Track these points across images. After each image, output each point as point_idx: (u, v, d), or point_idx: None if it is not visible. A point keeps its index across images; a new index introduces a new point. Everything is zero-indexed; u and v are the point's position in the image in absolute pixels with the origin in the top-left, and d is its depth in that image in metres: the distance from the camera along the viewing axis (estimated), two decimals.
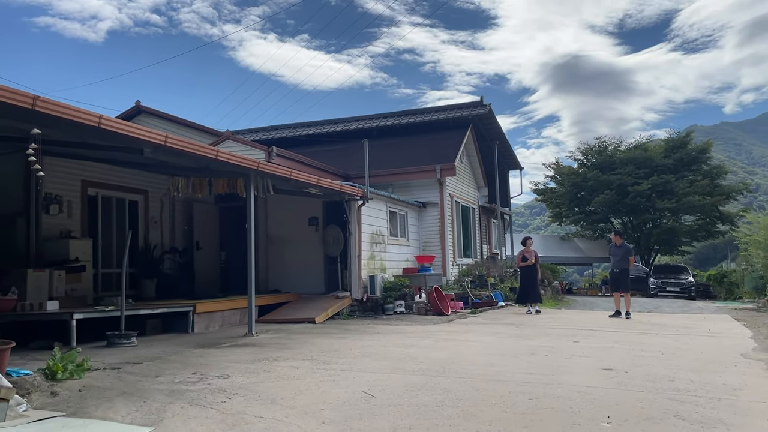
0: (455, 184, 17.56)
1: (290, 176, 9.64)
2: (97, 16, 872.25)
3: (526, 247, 13.51)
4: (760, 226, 14.66)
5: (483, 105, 18.58)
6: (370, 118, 20.22)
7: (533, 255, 13.37)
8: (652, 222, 31.74)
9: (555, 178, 34.91)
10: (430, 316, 12.23)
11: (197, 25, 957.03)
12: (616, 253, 12.61)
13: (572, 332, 9.30)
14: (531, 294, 13.20)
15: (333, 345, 7.74)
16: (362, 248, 12.60)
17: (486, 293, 14.95)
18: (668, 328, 10.01)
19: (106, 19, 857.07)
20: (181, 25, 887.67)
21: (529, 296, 13.25)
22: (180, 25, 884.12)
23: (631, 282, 14.66)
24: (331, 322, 10.95)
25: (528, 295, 13.28)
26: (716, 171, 31.23)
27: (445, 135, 18.26)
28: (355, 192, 12.10)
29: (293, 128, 21.18)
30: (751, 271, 20.67)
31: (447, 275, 16.11)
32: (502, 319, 11.87)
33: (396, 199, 14.81)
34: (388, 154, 18.13)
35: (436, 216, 16.42)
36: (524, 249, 13.52)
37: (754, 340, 8.26)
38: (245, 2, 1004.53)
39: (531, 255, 13.33)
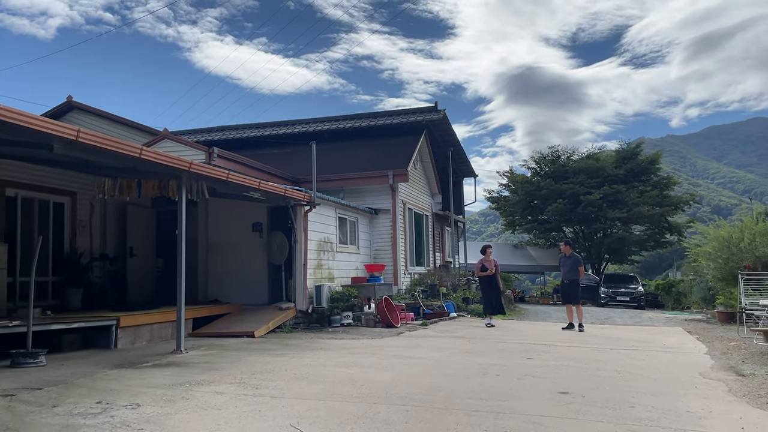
0: (408, 191, 17.07)
1: (227, 179, 8.89)
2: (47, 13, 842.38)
3: (486, 256, 12.84)
4: (711, 238, 14.68)
5: (437, 110, 18.18)
6: (321, 120, 19.56)
7: (493, 264, 12.80)
8: (603, 231, 32.09)
9: (509, 186, 34.97)
10: (378, 328, 11.63)
11: (152, 25, 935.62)
12: (565, 264, 12.32)
13: (525, 347, 8.86)
14: (493, 305, 12.65)
15: (268, 364, 7.04)
16: (308, 256, 11.91)
17: (438, 303, 14.47)
18: (623, 343, 9.70)
19: (56, 15, 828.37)
20: (134, 24, 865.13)
21: (491, 307, 12.69)
22: (134, 24, 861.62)
23: (582, 291, 14.48)
24: (272, 336, 10.22)
25: (490, 305, 12.71)
26: (665, 182, 31.84)
27: (398, 140, 17.77)
28: (301, 197, 11.42)
29: (241, 129, 20.30)
30: (699, 282, 20.90)
31: (398, 284, 15.56)
32: (453, 331, 11.38)
33: (346, 205, 14.19)
34: (340, 158, 17.50)
35: (388, 223, 15.87)
36: (483, 258, 12.85)
37: (710, 356, 7.99)
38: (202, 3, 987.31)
39: (491, 264, 12.73)
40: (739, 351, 8.35)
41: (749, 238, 13.79)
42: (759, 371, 6.66)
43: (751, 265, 13.72)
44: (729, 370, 6.89)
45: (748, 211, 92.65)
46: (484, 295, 12.96)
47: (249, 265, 13.12)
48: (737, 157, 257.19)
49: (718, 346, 9.04)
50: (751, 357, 7.66)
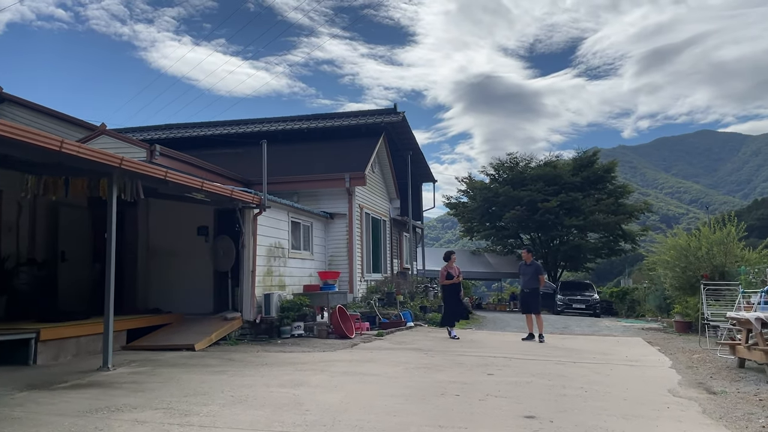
0: (366, 195, 16.49)
1: (165, 177, 8.12)
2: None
3: (450, 263, 12.13)
4: (669, 247, 14.58)
5: (396, 112, 17.69)
6: (276, 120, 18.80)
7: (457, 272, 12.13)
8: (560, 239, 32.24)
9: (467, 192, 34.83)
10: (331, 339, 10.97)
11: (106, 23, 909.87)
12: (525, 272, 11.90)
13: (485, 361, 8.37)
14: (459, 314, 12.08)
15: (203, 384, 6.31)
16: (257, 262, 11.17)
17: (395, 312, 13.91)
18: (585, 355, 9.32)
19: (5, 10, 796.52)
20: (88, 22, 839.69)
21: (456, 317, 12.10)
22: (87, 22, 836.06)
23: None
24: (214, 349, 9.44)
25: (456, 316, 12.11)
26: (620, 190, 32.24)
27: (356, 142, 17.18)
28: (250, 199, 10.68)
29: (191, 128, 19.33)
30: (655, 290, 20.99)
31: (354, 292, 14.94)
32: (410, 343, 10.82)
33: (299, 209, 13.49)
34: (295, 160, 16.80)
35: (344, 228, 15.24)
36: (447, 265, 12.12)
37: (676, 370, 7.65)
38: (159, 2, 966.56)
39: (455, 272, 12.05)
40: (704, 365, 8.06)
41: (707, 247, 13.74)
42: (730, 388, 6.32)
43: (709, 274, 13.65)
44: (698, 386, 6.53)
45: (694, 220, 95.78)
46: (447, 305, 12.19)
47: (193, 272, 12.26)
48: (684, 167, 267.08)
49: (682, 359, 8.75)
50: (719, 372, 7.36)
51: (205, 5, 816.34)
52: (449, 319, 12.03)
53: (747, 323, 6.99)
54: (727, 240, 13.89)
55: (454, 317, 12.04)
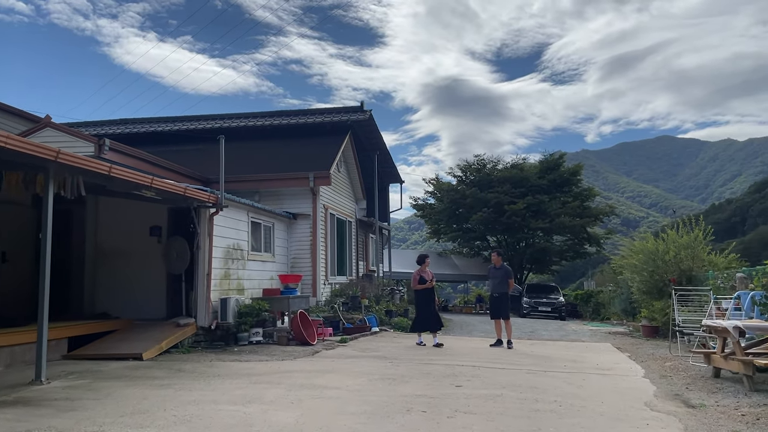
0: (331, 195, 15.96)
1: (109, 173, 7.46)
2: None
3: (423, 266, 11.46)
4: (637, 250, 14.47)
5: (363, 110, 17.20)
6: (238, 116, 18.10)
7: (430, 276, 11.53)
8: (526, 241, 32.25)
9: (434, 194, 34.58)
10: (292, 346, 10.42)
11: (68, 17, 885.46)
12: (495, 275, 11.51)
13: (453, 370, 7.95)
14: (432, 321, 11.21)
15: (145, 401, 5.70)
16: (213, 265, 10.53)
17: (359, 317, 13.41)
18: (555, 363, 8.99)
19: None
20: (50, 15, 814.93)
21: (429, 323, 11.22)
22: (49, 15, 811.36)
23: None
24: (164, 359, 8.78)
25: (428, 322, 11.23)
26: (585, 193, 32.42)
27: (321, 140, 16.64)
28: (206, 197, 10.04)
29: (148, 123, 18.48)
30: (620, 294, 21.00)
31: (317, 296, 14.39)
32: (374, 349, 10.34)
33: (260, 209, 12.88)
34: (257, 158, 16.17)
35: (308, 229, 14.68)
36: (421, 268, 11.43)
37: (650, 380, 7.36)
38: None
39: (429, 276, 11.44)
40: (678, 374, 7.81)
41: (674, 251, 13.66)
42: (708, 401, 6.03)
43: (676, 278, 13.57)
44: (675, 399, 6.23)
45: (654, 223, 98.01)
46: (420, 311, 11.41)
47: (146, 275, 11.53)
48: (645, 172, 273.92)
49: (654, 367, 8.49)
50: (694, 382, 7.09)
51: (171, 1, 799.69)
52: (420, 325, 11.38)
53: (724, 332, 6.73)
54: (694, 244, 13.84)
55: (426, 324, 11.24)
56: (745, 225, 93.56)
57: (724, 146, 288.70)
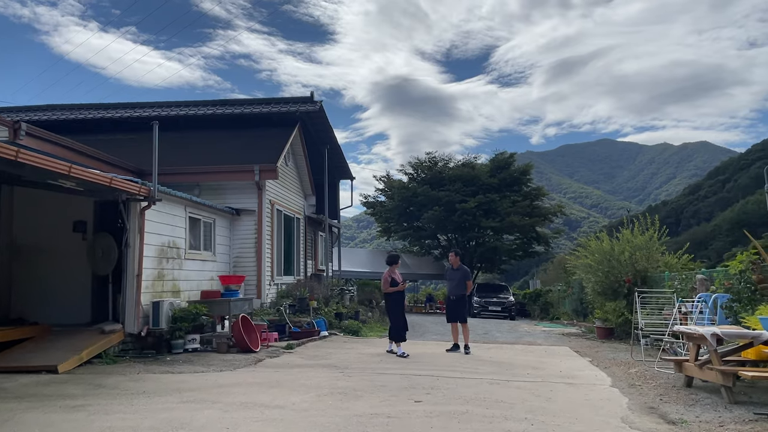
0: (278, 190, 15.03)
1: (16, 158, 6.39)
2: None
3: (393, 267, 10.36)
4: (592, 250, 14.20)
5: (313, 101, 16.33)
6: (178, 105, 16.89)
7: (401, 278, 10.46)
8: (477, 240, 32.07)
9: (385, 191, 33.98)
10: (233, 354, 9.51)
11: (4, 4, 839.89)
12: (453, 277, 10.88)
13: (410, 381, 7.27)
14: (404, 328, 10.15)
15: (49, 430, 4.75)
16: (145, 264, 9.49)
17: (307, 320, 12.59)
18: (517, 371, 8.46)
19: None
20: None
21: (404, 330, 10.17)
22: None
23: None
24: (84, 371, 7.74)
25: (404, 328, 10.17)
26: (535, 193, 32.53)
27: (268, 132, 15.68)
28: (136, 189, 9.00)
29: (80, 110, 17.01)
30: (572, 294, 20.94)
31: (262, 297, 13.47)
32: (324, 356, 9.56)
33: (199, 203, 11.86)
34: (199, 149, 15.10)
35: (253, 226, 13.73)
36: (391, 269, 10.32)
37: (620, 390, 6.89)
38: None
39: (399, 278, 10.39)
40: (647, 382, 7.38)
41: (629, 252, 13.45)
42: (687, 415, 5.56)
43: (631, 279, 13.37)
44: (651, 413, 5.74)
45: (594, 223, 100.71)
46: (393, 317, 10.29)
47: (68, 275, 10.37)
48: (586, 174, 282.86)
49: (619, 375, 8.06)
50: (667, 392, 6.65)
51: None
52: (398, 332, 10.08)
53: (700, 339, 6.30)
54: (649, 244, 13.68)
55: (403, 330, 10.14)
56: (680, 226, 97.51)
57: (660, 150, 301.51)
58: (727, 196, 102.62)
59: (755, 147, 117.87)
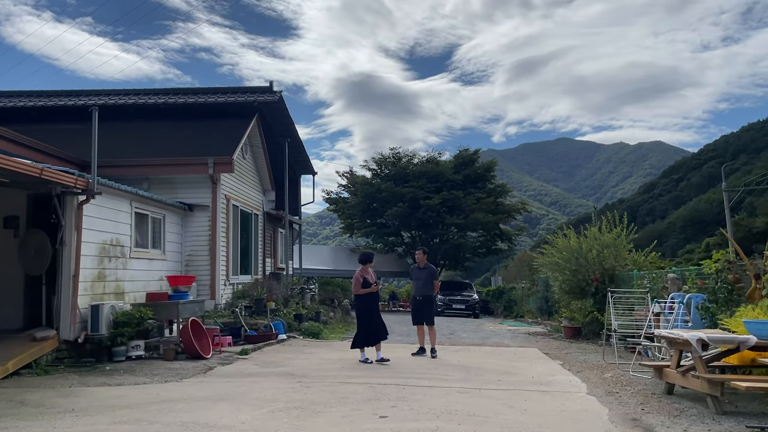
0: (234, 184, 14.23)
1: None
2: None
3: (366, 266, 9.46)
4: (561, 248, 13.88)
5: (273, 91, 15.54)
6: (126, 93, 15.87)
7: (374, 278, 9.56)
8: (441, 237, 31.72)
9: (348, 187, 33.30)
10: (181, 361, 8.76)
11: None
12: (419, 276, 10.23)
13: (374, 391, 6.68)
14: (376, 332, 9.21)
15: None
16: (83, 264, 8.65)
17: (265, 322, 11.87)
18: (487, 377, 7.97)
19: None
20: None
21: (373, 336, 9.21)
22: None
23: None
24: (9, 383, 6.89)
25: (372, 334, 9.20)
26: (499, 189, 32.36)
27: (224, 122, 14.84)
28: (72, 181, 8.15)
29: (17, 97, 15.76)
30: (536, 292, 20.73)
31: (217, 298, 12.69)
32: (281, 363, 8.89)
33: (147, 197, 11.01)
34: (148, 140, 14.17)
35: (207, 222, 12.91)
36: (363, 269, 9.42)
37: (597, 398, 6.46)
38: None
39: (372, 278, 9.48)
40: (624, 389, 6.97)
41: (597, 250, 13.17)
42: (674, 428, 5.14)
43: (599, 277, 13.10)
44: (636, 426, 5.30)
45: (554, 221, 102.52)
46: (361, 321, 9.39)
47: None
48: (546, 172, 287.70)
49: (594, 380, 7.65)
50: (648, 401, 6.25)
51: None
52: (363, 339, 9.20)
53: (685, 344, 5.90)
54: (617, 242, 13.44)
55: (371, 336, 9.19)
56: (636, 223, 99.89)
57: (617, 149, 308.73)
58: (680, 195, 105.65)
59: (707, 147, 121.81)
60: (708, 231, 75.37)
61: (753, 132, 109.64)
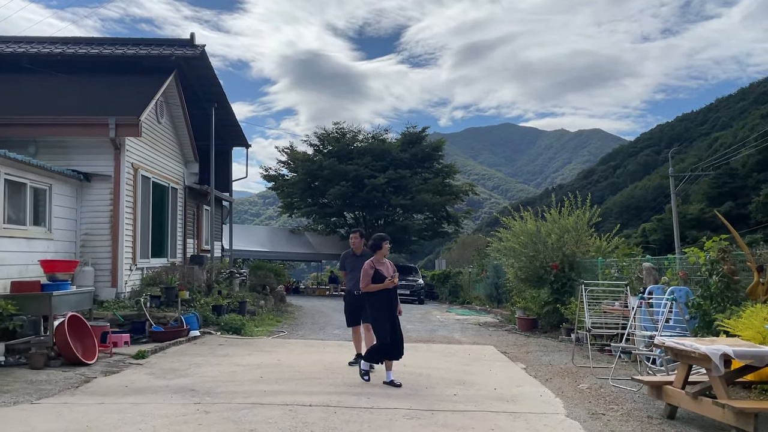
0: (145, 152, 12.14)
1: None
2: None
3: (379, 254, 6.96)
4: (518, 232, 12.55)
5: (194, 45, 13.38)
6: (18, 40, 13.35)
7: (392, 269, 6.97)
8: (386, 219, 30.21)
9: (288, 164, 31.21)
10: (52, 369, 6.85)
11: None
12: (355, 266, 7.67)
13: (294, 418, 5.04)
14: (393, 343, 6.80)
15: None
16: None
17: (175, 316, 9.99)
18: (441, 390, 6.45)
19: None
20: None
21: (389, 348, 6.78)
22: None
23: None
24: None
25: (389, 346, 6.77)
26: (447, 170, 31.08)
27: (136, 79, 12.64)
28: None
29: None
30: (486, 277, 19.54)
31: (120, 286, 10.69)
32: (184, 370, 7.10)
33: (24, 162, 8.86)
34: (41, 96, 11.87)
35: (108, 195, 10.84)
36: (375, 258, 6.96)
37: (581, 423, 5.03)
38: None
39: (389, 270, 6.91)
40: (610, 409, 5.59)
41: (558, 234, 11.92)
42: None
43: (558, 264, 11.88)
44: None
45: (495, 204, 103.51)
46: (381, 328, 6.83)
47: None
48: (489, 156, 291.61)
49: (570, 394, 6.26)
50: (643, 425, 4.87)
51: None
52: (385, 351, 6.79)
53: (701, 360, 4.52)
54: (578, 226, 12.23)
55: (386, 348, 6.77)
56: None
57: (558, 136, 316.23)
58: (617, 182, 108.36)
59: (643, 135, 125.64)
60: (643, 217, 77.48)
61: (686, 122, 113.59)
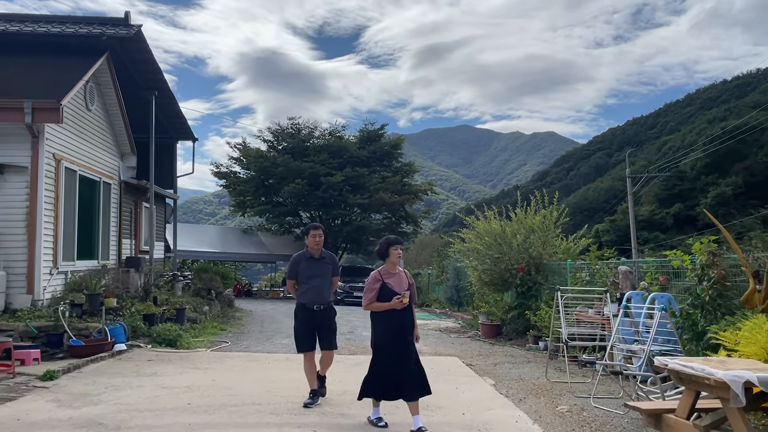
0: (71, 142, 10.82)
1: None
2: None
3: (389, 261, 5.33)
4: (482, 233, 11.78)
5: (129, 24, 12.10)
6: None
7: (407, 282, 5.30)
8: (343, 218, 29.20)
9: (240, 160, 29.82)
10: None
11: None
12: (314, 272, 6.07)
13: None
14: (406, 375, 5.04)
15: None
16: None
17: (99, 327, 8.77)
18: (402, 416, 5.53)
19: None
20: None
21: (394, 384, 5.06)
22: None
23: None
24: None
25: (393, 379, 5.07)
26: (406, 169, 30.29)
27: (61, 61, 11.30)
28: None
29: None
30: (446, 280, 18.80)
31: (37, 293, 9.39)
32: (97, 396, 5.96)
33: None
34: None
35: (24, 189, 9.52)
36: (384, 268, 5.36)
37: None
38: None
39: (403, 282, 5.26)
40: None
41: (524, 235, 11.21)
42: None
43: (524, 267, 11.17)
44: None
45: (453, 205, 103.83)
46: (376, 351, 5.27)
47: None
48: (446, 158, 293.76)
49: (549, 419, 5.44)
50: None
51: None
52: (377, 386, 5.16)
53: (718, 387, 3.73)
54: (545, 226, 11.55)
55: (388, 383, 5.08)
56: None
57: (513, 138, 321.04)
58: (570, 183, 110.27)
59: (596, 139, 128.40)
60: (596, 218, 78.92)
61: (637, 126, 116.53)
